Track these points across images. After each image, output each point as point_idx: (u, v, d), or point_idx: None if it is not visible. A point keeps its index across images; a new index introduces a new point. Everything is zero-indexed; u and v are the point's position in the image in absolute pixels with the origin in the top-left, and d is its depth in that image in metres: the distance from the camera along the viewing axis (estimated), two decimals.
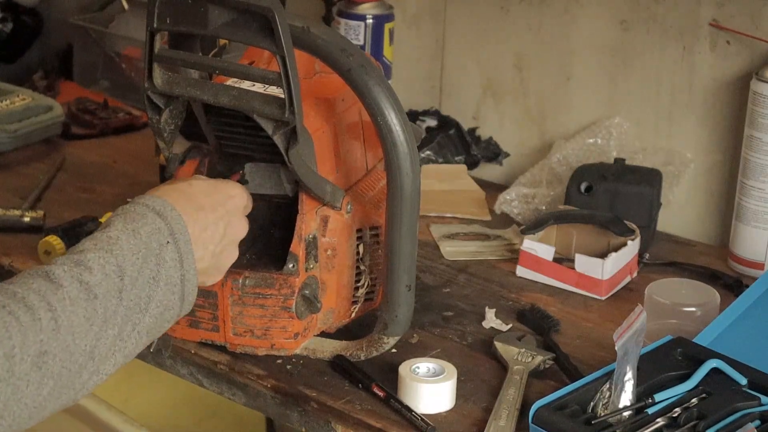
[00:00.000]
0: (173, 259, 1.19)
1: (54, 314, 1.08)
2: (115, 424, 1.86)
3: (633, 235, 1.66)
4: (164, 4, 1.31)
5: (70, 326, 1.09)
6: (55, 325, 1.08)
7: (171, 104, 1.38)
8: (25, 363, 1.05)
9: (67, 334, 1.08)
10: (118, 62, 2.27)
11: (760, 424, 1.26)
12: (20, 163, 2.00)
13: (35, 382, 1.06)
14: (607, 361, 1.34)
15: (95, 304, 1.11)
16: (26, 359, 1.05)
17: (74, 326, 1.09)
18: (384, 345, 1.42)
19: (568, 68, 1.93)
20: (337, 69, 1.33)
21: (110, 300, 1.13)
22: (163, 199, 1.22)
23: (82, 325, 1.10)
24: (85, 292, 1.11)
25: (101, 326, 1.12)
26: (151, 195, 1.24)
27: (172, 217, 1.21)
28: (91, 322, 1.11)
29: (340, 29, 1.97)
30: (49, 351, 1.07)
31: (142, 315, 1.16)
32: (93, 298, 1.11)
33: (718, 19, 1.76)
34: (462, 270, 1.70)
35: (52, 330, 1.07)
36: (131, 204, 1.22)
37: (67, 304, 1.09)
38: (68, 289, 1.10)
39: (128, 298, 1.14)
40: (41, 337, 1.06)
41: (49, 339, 1.07)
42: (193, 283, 1.21)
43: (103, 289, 1.12)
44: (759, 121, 1.66)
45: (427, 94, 2.10)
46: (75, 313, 1.09)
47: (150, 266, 1.17)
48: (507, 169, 2.03)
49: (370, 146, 1.49)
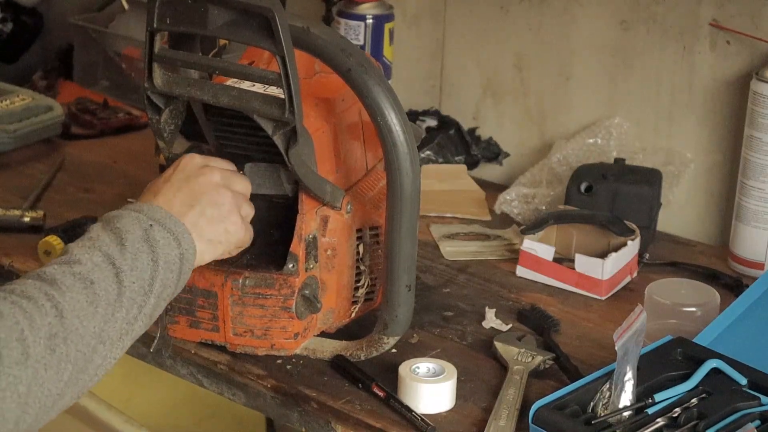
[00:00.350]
0: (165, 237, 1.22)
1: (53, 302, 1.11)
2: (115, 424, 1.86)
3: (633, 235, 1.66)
4: (164, 4, 1.31)
5: (73, 310, 1.12)
6: (57, 311, 1.10)
7: (171, 104, 1.38)
8: (39, 345, 1.08)
9: (73, 318, 1.11)
10: (118, 62, 2.27)
11: (760, 424, 1.26)
12: (20, 163, 2.00)
13: (53, 365, 1.09)
14: (607, 361, 1.34)
15: (94, 288, 1.14)
16: (39, 342, 1.08)
17: (77, 310, 1.12)
18: (384, 345, 1.42)
19: (568, 68, 1.93)
20: (337, 69, 1.33)
21: (109, 284, 1.16)
22: (139, 202, 1.26)
23: (85, 309, 1.13)
24: (81, 281, 1.14)
25: (106, 308, 1.15)
26: (128, 202, 1.28)
27: (149, 209, 1.24)
28: (95, 305, 1.14)
29: (340, 29, 1.97)
30: (59, 334, 1.09)
31: (147, 297, 1.19)
32: (90, 284, 1.14)
33: (718, 19, 1.76)
34: (462, 270, 1.70)
35: (55, 315, 1.10)
36: (108, 212, 1.26)
37: (65, 291, 1.13)
38: (62, 280, 1.14)
39: (129, 281, 1.17)
40: (48, 320, 1.09)
41: (56, 323, 1.10)
42: (190, 261, 1.24)
43: (97, 275, 1.16)
44: (759, 121, 1.66)
45: (427, 94, 2.10)
46: (75, 299, 1.12)
47: (144, 249, 1.20)
48: (507, 169, 2.03)
49: (370, 146, 1.49)
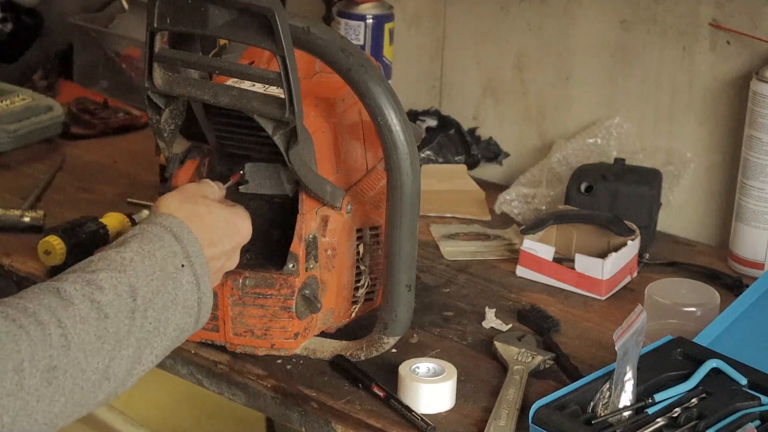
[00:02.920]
0: (189, 282, 1.19)
1: (64, 331, 1.08)
2: (115, 424, 1.87)
3: (633, 235, 1.66)
4: (164, 4, 1.31)
5: (80, 343, 1.09)
6: (65, 341, 1.07)
7: (171, 104, 1.38)
8: (35, 378, 1.05)
9: (78, 352, 1.08)
10: (118, 62, 2.27)
11: (760, 424, 1.26)
12: (20, 163, 2.00)
13: (46, 397, 1.06)
14: (607, 361, 1.34)
15: (106, 323, 1.11)
16: (35, 374, 1.05)
17: (85, 344, 1.09)
18: (384, 345, 1.42)
19: (568, 68, 1.93)
20: (337, 69, 1.33)
21: (122, 320, 1.12)
22: (181, 221, 1.22)
23: (93, 344, 1.10)
24: (96, 311, 1.11)
25: (114, 346, 1.12)
26: (169, 215, 1.23)
27: (188, 241, 1.21)
28: (103, 341, 1.11)
29: (340, 29, 1.97)
30: (59, 366, 1.07)
31: (161, 338, 1.16)
32: (104, 318, 1.11)
33: (718, 19, 1.76)
34: (462, 270, 1.70)
35: (62, 346, 1.07)
36: (148, 224, 1.22)
37: (77, 321, 1.09)
38: (79, 307, 1.10)
39: (144, 319, 1.14)
40: (51, 352, 1.06)
41: (59, 355, 1.07)
42: (208, 305, 1.22)
43: (114, 308, 1.12)
44: (759, 121, 1.66)
45: (427, 94, 2.10)
46: (85, 331, 1.09)
47: (168, 289, 1.17)
48: (507, 169, 2.03)
49: (370, 146, 1.49)
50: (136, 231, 1.21)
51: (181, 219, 1.23)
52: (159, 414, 2.49)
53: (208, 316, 1.23)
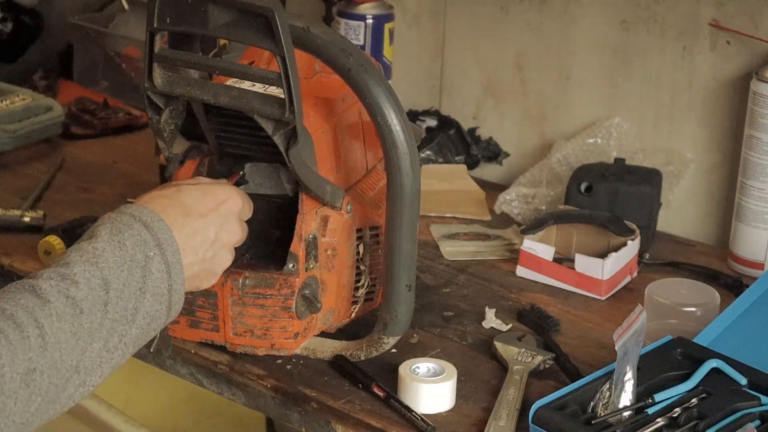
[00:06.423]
0: (160, 270, 1.19)
1: (41, 331, 1.08)
2: (115, 424, 1.87)
3: (633, 235, 1.66)
4: (164, 4, 1.31)
5: (57, 342, 1.09)
6: (43, 342, 1.07)
7: (171, 104, 1.38)
8: (14, 381, 1.05)
9: (55, 351, 1.08)
10: (118, 62, 2.27)
11: (760, 424, 1.26)
12: (20, 163, 2.00)
13: (23, 399, 1.06)
14: (607, 361, 1.34)
15: (81, 319, 1.11)
16: (15, 377, 1.05)
17: (61, 342, 1.09)
18: (384, 345, 1.42)
19: (568, 68, 1.93)
20: (337, 69, 1.33)
21: (95, 314, 1.12)
22: (149, 209, 1.22)
23: (68, 341, 1.10)
24: (72, 308, 1.11)
25: (87, 340, 1.12)
26: (137, 204, 1.23)
27: (158, 228, 1.20)
28: (78, 337, 1.11)
29: (340, 29, 1.97)
30: (38, 368, 1.07)
31: (129, 326, 1.16)
32: (79, 313, 1.11)
33: (718, 19, 1.76)
34: (462, 270, 1.70)
35: (39, 347, 1.07)
36: (117, 213, 1.21)
37: (54, 320, 1.09)
38: (55, 304, 1.10)
39: (114, 310, 1.14)
40: (30, 355, 1.06)
41: (37, 357, 1.07)
42: (180, 292, 1.21)
43: (89, 303, 1.12)
44: (759, 121, 1.66)
45: (427, 94, 2.10)
46: (62, 329, 1.09)
47: (136, 278, 1.16)
48: (507, 169, 2.03)
49: (370, 146, 1.49)
50: (105, 220, 1.20)
51: (151, 208, 1.22)
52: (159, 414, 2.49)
53: (181, 303, 1.22)
